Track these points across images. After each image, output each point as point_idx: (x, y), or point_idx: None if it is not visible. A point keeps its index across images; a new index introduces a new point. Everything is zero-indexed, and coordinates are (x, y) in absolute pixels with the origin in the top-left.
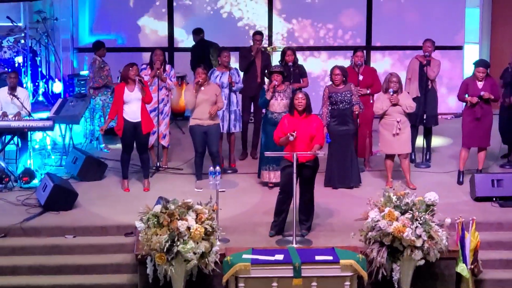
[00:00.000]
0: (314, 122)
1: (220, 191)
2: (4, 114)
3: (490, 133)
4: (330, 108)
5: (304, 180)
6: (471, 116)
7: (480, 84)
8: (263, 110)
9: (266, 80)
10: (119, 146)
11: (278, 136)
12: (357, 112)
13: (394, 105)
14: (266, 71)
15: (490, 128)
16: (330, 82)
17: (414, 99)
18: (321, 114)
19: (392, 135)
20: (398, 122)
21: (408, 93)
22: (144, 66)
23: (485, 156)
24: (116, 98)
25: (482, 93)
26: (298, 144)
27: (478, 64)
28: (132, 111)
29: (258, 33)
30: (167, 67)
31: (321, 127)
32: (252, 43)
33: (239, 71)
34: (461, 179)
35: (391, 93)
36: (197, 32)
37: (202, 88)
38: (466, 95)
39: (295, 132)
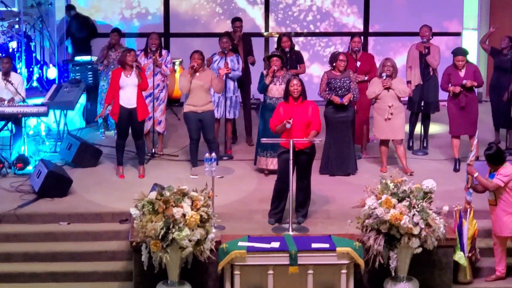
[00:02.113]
0: (310, 108)
1: (218, 177)
2: (0, 100)
3: (476, 120)
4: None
5: (301, 167)
6: (456, 105)
7: (461, 73)
8: (252, 95)
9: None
10: (113, 132)
11: (274, 124)
12: (345, 101)
13: (387, 89)
14: (264, 57)
15: (476, 115)
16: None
17: (417, 86)
18: (323, 96)
19: (384, 120)
20: (390, 107)
21: (410, 81)
22: (138, 52)
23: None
24: (112, 83)
25: (464, 81)
26: (294, 131)
27: (456, 53)
28: (127, 97)
29: (238, 20)
30: (163, 52)
31: (317, 113)
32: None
33: (240, 58)
34: (457, 167)
35: (384, 77)
36: (70, 8)
37: (197, 74)
38: (450, 85)
39: (291, 119)
